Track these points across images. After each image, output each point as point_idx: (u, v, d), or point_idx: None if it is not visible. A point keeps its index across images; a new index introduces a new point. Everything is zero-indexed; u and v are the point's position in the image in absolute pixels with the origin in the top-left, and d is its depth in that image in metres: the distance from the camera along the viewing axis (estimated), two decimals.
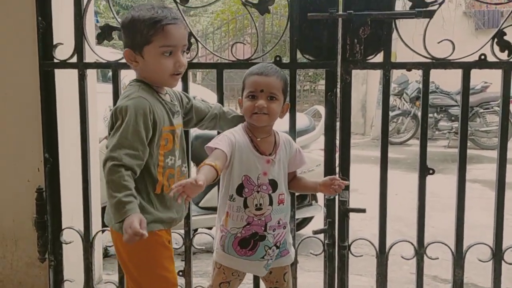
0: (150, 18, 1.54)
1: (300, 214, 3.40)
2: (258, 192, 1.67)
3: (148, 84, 1.62)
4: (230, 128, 1.76)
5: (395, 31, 1.94)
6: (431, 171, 1.99)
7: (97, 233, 2.25)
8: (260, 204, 1.66)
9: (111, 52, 5.84)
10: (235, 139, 1.66)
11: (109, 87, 2.16)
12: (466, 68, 1.95)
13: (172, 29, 1.56)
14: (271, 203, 1.68)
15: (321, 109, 3.85)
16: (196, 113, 1.82)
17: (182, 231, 2.16)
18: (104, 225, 2.66)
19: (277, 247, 1.73)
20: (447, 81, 6.53)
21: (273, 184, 1.69)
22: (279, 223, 1.71)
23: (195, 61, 2.16)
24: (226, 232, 1.72)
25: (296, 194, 2.15)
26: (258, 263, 1.71)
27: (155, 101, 1.59)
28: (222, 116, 1.85)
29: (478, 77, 2.07)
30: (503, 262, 2.05)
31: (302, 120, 3.49)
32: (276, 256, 1.75)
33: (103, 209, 2.91)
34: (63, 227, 2.23)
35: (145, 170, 1.56)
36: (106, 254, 3.12)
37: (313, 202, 3.62)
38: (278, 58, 2.02)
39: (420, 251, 2.05)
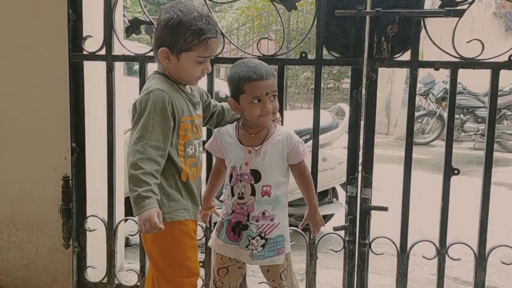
0: (199, 29, 1.57)
1: (321, 211, 3.38)
2: (240, 181, 1.73)
3: (168, 76, 1.66)
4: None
5: (423, 30, 1.92)
6: (456, 171, 1.97)
7: (120, 221, 2.29)
8: (242, 193, 1.72)
9: (138, 46, 5.92)
10: (220, 138, 1.79)
11: (134, 80, 2.20)
12: (495, 68, 1.92)
13: (213, 42, 1.62)
14: (253, 194, 1.72)
15: (345, 107, 3.83)
16: (211, 111, 1.88)
17: (203, 223, 2.19)
18: (126, 214, 2.73)
19: (262, 238, 1.73)
20: (474, 82, 6.42)
21: (256, 175, 1.72)
22: (264, 214, 1.72)
23: (220, 56, 2.18)
24: (221, 219, 1.81)
25: (318, 191, 2.15)
26: (245, 251, 1.74)
27: (174, 92, 1.63)
28: (225, 115, 1.90)
29: (506, 79, 2.04)
30: None
31: (325, 117, 3.48)
32: (269, 251, 1.74)
33: (127, 199, 3.00)
34: (87, 215, 2.28)
35: (169, 159, 1.60)
36: (127, 244, 3.17)
37: (334, 199, 3.61)
38: (304, 55, 2.02)
39: (442, 251, 2.03)
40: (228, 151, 1.77)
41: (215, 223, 2.27)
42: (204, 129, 1.89)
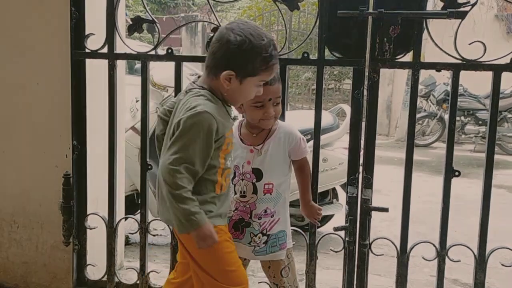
0: (269, 56, 1.54)
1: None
2: (242, 180, 1.75)
3: (214, 93, 1.58)
4: None
5: (425, 31, 1.92)
6: (456, 173, 1.97)
7: (120, 220, 2.29)
8: (244, 192, 1.74)
9: (139, 45, 5.92)
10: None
11: (135, 79, 2.20)
12: (497, 70, 1.92)
13: (275, 67, 1.61)
14: (255, 192, 1.74)
15: (346, 108, 3.83)
16: None
17: None
18: (127, 212, 2.73)
19: (264, 234, 1.75)
20: (475, 84, 6.42)
21: (257, 173, 1.74)
22: (265, 212, 1.75)
23: None
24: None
25: (318, 191, 2.15)
26: (248, 248, 1.77)
27: (221, 111, 1.57)
28: None
29: (507, 81, 2.04)
30: None
31: (326, 118, 3.48)
32: (271, 246, 1.76)
33: (127, 197, 3.00)
34: (88, 213, 2.28)
35: (208, 170, 1.55)
36: (127, 242, 3.18)
37: (334, 200, 3.61)
38: (305, 55, 2.03)
39: (442, 253, 2.03)
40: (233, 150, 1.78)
41: None
42: None
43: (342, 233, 2.09)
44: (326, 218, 3.56)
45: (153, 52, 2.16)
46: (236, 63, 1.52)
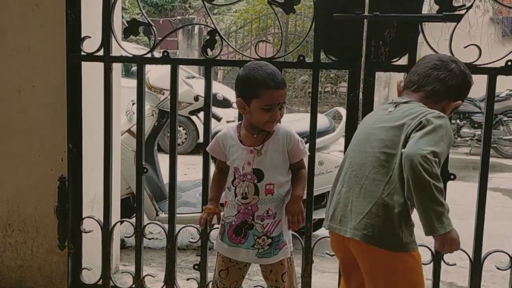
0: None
1: (316, 215, 3.38)
2: (243, 181, 1.74)
3: None
4: None
5: (420, 34, 1.92)
6: (452, 176, 1.97)
7: (116, 223, 2.29)
8: (246, 193, 1.73)
9: (135, 48, 5.92)
10: (222, 140, 1.82)
11: (132, 82, 2.20)
12: (492, 74, 1.93)
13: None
14: (257, 193, 1.73)
15: (342, 111, 3.83)
16: None
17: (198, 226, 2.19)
18: (122, 216, 2.72)
19: (268, 237, 1.75)
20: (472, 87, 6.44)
21: (258, 174, 1.73)
22: (268, 213, 1.74)
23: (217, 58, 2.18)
24: (223, 221, 1.81)
25: (314, 194, 2.15)
26: (251, 251, 1.76)
27: None
28: None
29: (503, 85, 2.05)
30: None
31: (322, 121, 3.48)
32: (275, 248, 1.76)
33: (123, 201, 2.99)
34: (83, 216, 2.28)
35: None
36: (123, 246, 3.16)
37: None
38: (301, 58, 2.03)
39: (437, 256, 2.03)
40: (230, 153, 1.79)
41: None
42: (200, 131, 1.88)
43: None
44: (322, 222, 3.55)
45: (149, 55, 2.16)
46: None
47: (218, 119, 3.45)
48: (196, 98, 3.35)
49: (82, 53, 2.17)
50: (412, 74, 1.67)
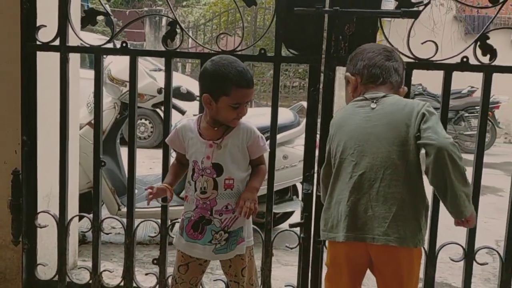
0: None
1: (281, 209, 3.41)
2: (202, 176, 1.72)
3: None
4: None
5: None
6: None
7: (72, 218, 2.24)
8: (204, 188, 1.71)
9: (99, 39, 5.79)
10: (182, 132, 1.78)
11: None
12: (448, 69, 1.97)
13: None
14: (215, 187, 1.71)
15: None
16: None
17: (159, 220, 2.17)
18: (81, 210, 2.66)
19: (225, 232, 1.74)
20: (436, 84, 6.59)
21: (218, 168, 1.72)
22: (227, 208, 1.73)
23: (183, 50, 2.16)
24: (183, 216, 1.79)
25: (277, 188, 2.15)
26: (208, 247, 1.74)
27: None
28: None
29: (465, 81, 2.10)
30: (474, 262, 2.08)
31: (286, 115, 3.49)
32: (231, 243, 1.75)
33: (83, 195, 2.93)
34: (38, 211, 2.21)
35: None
36: (83, 241, 3.10)
37: (294, 197, 3.62)
38: (262, 51, 2.02)
39: (470, 254, 2.06)
40: (189, 146, 1.76)
41: (172, 220, 2.26)
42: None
43: (298, 229, 2.10)
44: (286, 215, 3.58)
45: (110, 45, 2.11)
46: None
47: (182, 113, 3.41)
48: (160, 91, 3.30)
49: (38, 42, 2.10)
50: (371, 67, 1.66)
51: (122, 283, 2.20)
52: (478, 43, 1.94)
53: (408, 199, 1.53)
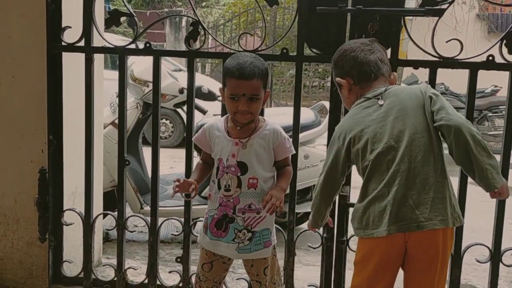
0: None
1: (301, 209, 3.40)
2: (227, 173, 1.73)
3: None
4: None
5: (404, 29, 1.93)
6: None
7: (97, 216, 2.27)
8: (228, 185, 1.73)
9: (121, 40, 5.86)
10: (209, 131, 1.80)
11: (117, 74, 2.17)
12: (473, 68, 1.94)
13: None
14: (239, 186, 1.73)
15: (328, 105, 3.83)
16: None
17: (183, 219, 2.18)
18: (105, 208, 2.70)
19: (249, 231, 1.74)
20: (458, 83, 6.49)
21: (242, 167, 1.73)
22: (249, 207, 1.73)
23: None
24: (207, 215, 1.80)
25: (298, 188, 2.15)
26: (231, 245, 1.75)
27: None
28: None
29: (489, 80, 2.08)
30: (501, 264, 2.04)
31: (307, 115, 3.49)
32: (255, 244, 1.75)
33: (107, 193, 2.97)
34: (64, 209, 2.25)
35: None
36: (107, 239, 3.14)
37: None
38: (284, 51, 2.03)
39: (496, 255, 2.04)
40: (215, 144, 1.78)
41: (195, 219, 2.28)
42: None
43: (320, 229, 2.09)
44: (307, 215, 3.57)
45: (133, 46, 2.13)
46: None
47: (203, 112, 3.43)
48: (181, 91, 3.33)
49: (63, 43, 2.14)
50: (358, 66, 1.66)
51: (146, 281, 2.23)
52: (504, 41, 1.90)
53: (440, 181, 1.55)
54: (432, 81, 1.98)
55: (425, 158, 1.54)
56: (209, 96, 3.43)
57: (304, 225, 3.55)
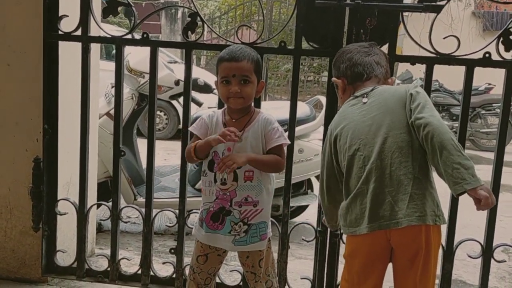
0: None
1: (295, 202, 3.41)
2: None
3: None
4: None
5: (401, 24, 1.93)
6: None
7: (91, 206, 2.27)
8: (225, 179, 1.73)
9: (117, 30, 5.82)
10: (210, 120, 1.79)
11: (112, 64, 2.16)
12: (470, 65, 1.95)
13: None
14: (235, 179, 1.73)
15: (323, 100, 3.84)
16: None
17: (177, 211, 2.19)
18: (99, 199, 2.70)
19: (245, 223, 1.75)
20: (451, 80, 6.53)
21: None
22: (246, 200, 1.74)
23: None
24: (201, 207, 1.80)
25: (292, 182, 2.15)
26: (227, 237, 1.76)
27: None
28: None
29: (482, 78, 2.08)
30: (492, 260, 2.07)
31: (302, 109, 3.49)
32: (251, 236, 1.76)
33: (100, 184, 2.96)
34: (58, 198, 2.25)
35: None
36: (100, 229, 3.14)
37: (309, 191, 3.63)
38: (282, 44, 2.02)
39: (487, 252, 2.05)
40: (214, 134, 1.75)
41: (189, 211, 2.28)
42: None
43: (314, 223, 2.10)
44: (301, 209, 3.59)
45: (128, 36, 2.12)
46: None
47: (199, 104, 3.43)
48: (177, 83, 3.32)
49: (59, 32, 2.12)
50: (352, 67, 1.69)
51: (139, 271, 2.23)
52: (501, 39, 1.91)
53: (420, 178, 1.53)
54: (428, 77, 1.99)
55: (403, 154, 1.53)
56: (205, 89, 3.43)
57: (297, 219, 3.57)
